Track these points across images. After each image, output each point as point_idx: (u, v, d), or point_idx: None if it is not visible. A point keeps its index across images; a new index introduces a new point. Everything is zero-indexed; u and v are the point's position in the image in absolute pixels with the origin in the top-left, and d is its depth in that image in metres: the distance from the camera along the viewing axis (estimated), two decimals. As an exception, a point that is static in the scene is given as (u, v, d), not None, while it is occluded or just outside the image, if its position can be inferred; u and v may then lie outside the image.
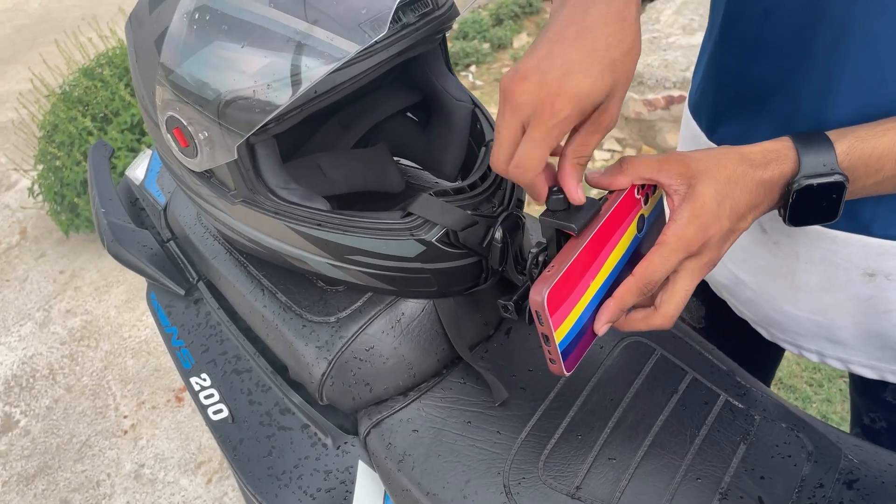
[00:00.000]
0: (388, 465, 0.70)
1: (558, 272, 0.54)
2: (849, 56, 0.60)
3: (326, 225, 0.66)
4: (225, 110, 0.61)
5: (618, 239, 0.59)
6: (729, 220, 0.55)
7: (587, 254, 0.56)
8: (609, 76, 0.52)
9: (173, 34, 0.62)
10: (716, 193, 0.54)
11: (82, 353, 2.32)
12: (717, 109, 0.76)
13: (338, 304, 0.74)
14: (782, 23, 0.64)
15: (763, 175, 0.55)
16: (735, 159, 0.55)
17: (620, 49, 0.53)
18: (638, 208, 0.61)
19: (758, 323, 0.85)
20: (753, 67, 0.68)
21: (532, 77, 0.52)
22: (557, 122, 0.52)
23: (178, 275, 0.89)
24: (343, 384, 0.71)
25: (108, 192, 0.95)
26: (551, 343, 0.56)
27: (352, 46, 0.57)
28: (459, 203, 0.65)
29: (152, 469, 1.92)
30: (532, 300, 0.54)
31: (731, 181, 0.54)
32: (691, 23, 2.72)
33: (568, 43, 0.52)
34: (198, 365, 0.82)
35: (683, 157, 0.56)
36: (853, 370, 0.78)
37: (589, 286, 0.57)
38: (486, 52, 3.49)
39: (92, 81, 2.55)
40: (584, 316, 0.58)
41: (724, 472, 0.64)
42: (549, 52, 0.53)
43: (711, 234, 0.54)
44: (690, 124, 0.81)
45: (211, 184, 0.70)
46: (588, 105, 0.52)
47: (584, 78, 0.51)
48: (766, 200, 0.57)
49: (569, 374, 0.59)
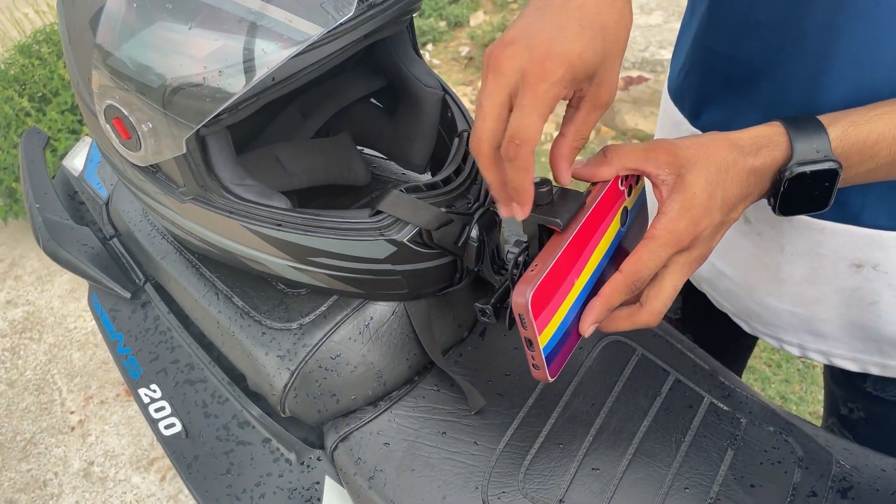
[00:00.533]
0: (358, 482, 0.65)
1: (542, 272, 0.50)
2: (841, 37, 0.57)
3: (287, 225, 0.61)
4: (171, 99, 0.55)
5: (602, 234, 0.56)
6: (720, 211, 0.52)
7: (571, 251, 0.52)
8: (600, 42, 0.48)
9: (111, 12, 0.56)
10: (706, 184, 0.51)
11: (25, 346, 2.21)
12: (702, 94, 0.72)
13: (300, 308, 0.69)
14: (772, 2, 0.60)
15: (754, 163, 0.52)
16: (725, 146, 0.52)
17: (611, 15, 0.49)
18: (622, 201, 0.58)
19: (738, 316, 0.83)
20: (742, 49, 0.65)
21: (518, 43, 0.47)
22: (549, 84, 0.46)
23: (122, 276, 0.82)
24: (307, 396, 0.66)
25: (43, 184, 0.87)
26: (535, 348, 0.52)
27: (314, 29, 0.52)
28: (432, 200, 0.60)
29: (102, 467, 1.85)
30: (515, 303, 0.50)
31: (722, 170, 0.51)
32: (649, 2, 2.70)
33: (555, 9, 0.49)
34: (146, 375, 0.76)
35: (671, 145, 0.52)
36: (835, 363, 0.76)
37: (573, 285, 0.54)
38: (443, 29, 3.42)
39: (29, 59, 2.42)
40: (569, 317, 0.54)
41: (712, 480, 0.61)
42: (536, 18, 0.48)
43: (703, 228, 0.51)
44: (671, 110, 0.78)
45: (157, 179, 0.64)
46: (580, 71, 0.48)
47: (574, 42, 0.47)
48: (756, 189, 0.54)
49: (553, 379, 0.56)
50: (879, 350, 0.72)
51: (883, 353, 0.72)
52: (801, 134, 0.52)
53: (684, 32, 0.76)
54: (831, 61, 0.58)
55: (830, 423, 0.89)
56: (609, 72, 0.50)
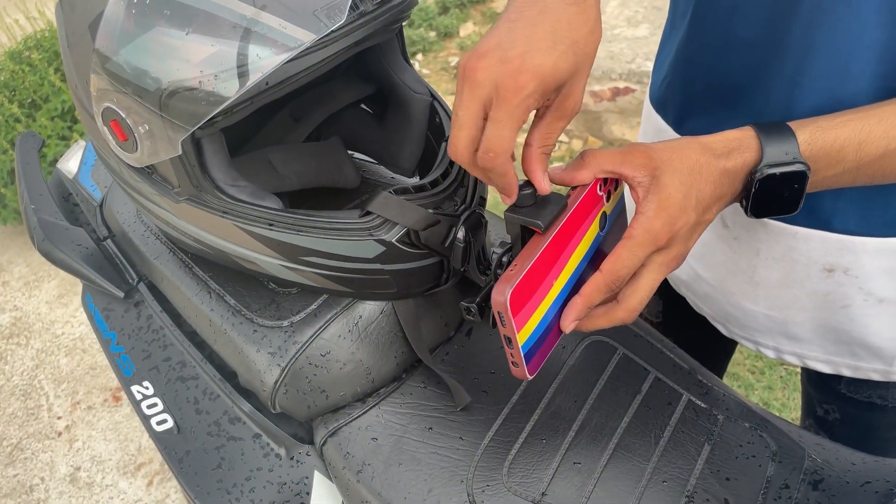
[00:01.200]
0: (347, 476, 0.67)
1: (521, 271, 0.52)
2: (815, 50, 0.59)
3: (279, 224, 0.62)
4: (168, 102, 0.56)
5: (580, 237, 0.58)
6: (695, 211, 0.54)
7: (550, 252, 0.54)
8: (571, 55, 0.50)
9: (110, 18, 0.57)
10: (680, 184, 0.53)
11: (12, 352, 2.21)
12: (685, 103, 0.75)
13: (291, 307, 0.70)
14: (750, 17, 0.63)
15: (726, 164, 0.54)
16: (697, 149, 0.54)
17: (582, 30, 0.51)
18: (600, 205, 0.60)
19: (716, 319, 0.85)
20: (723, 62, 0.67)
21: (492, 55, 0.49)
22: (522, 98, 0.49)
23: (116, 276, 0.83)
24: (297, 392, 0.68)
25: (38, 186, 0.88)
26: (514, 345, 0.54)
27: (306, 35, 0.54)
28: (420, 201, 0.62)
29: (89, 472, 1.84)
30: (494, 301, 0.51)
31: (695, 171, 0.53)
32: (636, 15, 2.74)
33: (528, 22, 0.50)
34: (139, 372, 0.77)
35: (646, 148, 0.54)
36: (809, 365, 0.78)
37: (552, 286, 0.56)
38: (433, 40, 3.45)
39: (19, 65, 2.42)
40: (548, 317, 0.56)
41: (689, 473, 0.63)
42: (509, 31, 0.50)
43: (679, 227, 0.53)
44: (654, 118, 0.80)
45: (152, 180, 0.65)
46: (551, 83, 0.50)
47: (546, 55, 0.49)
48: (729, 191, 0.56)
49: (532, 377, 0.57)
50: (851, 352, 0.74)
51: (855, 355, 0.74)
52: (771, 138, 0.55)
53: (666, 43, 0.79)
54: (806, 74, 0.61)
55: (807, 424, 0.91)
56: (577, 84, 0.52)
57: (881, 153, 0.54)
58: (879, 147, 0.54)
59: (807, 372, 0.87)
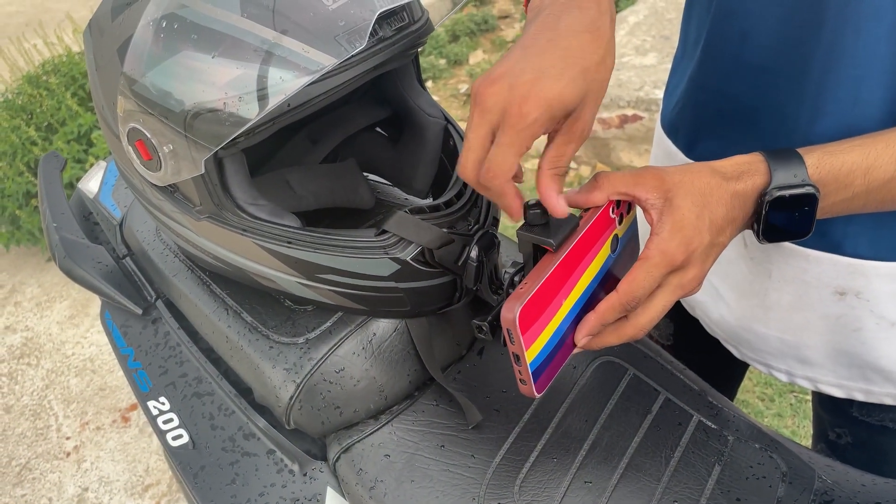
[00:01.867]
0: (359, 492, 0.67)
1: (531, 289, 0.52)
2: (833, 75, 0.61)
3: (297, 242, 0.64)
4: (192, 123, 0.58)
5: (591, 258, 0.59)
6: (709, 232, 0.54)
7: (560, 272, 0.55)
8: (581, 82, 0.51)
9: (138, 43, 0.59)
10: (693, 205, 0.54)
11: (22, 372, 2.22)
12: (696, 128, 0.76)
13: (306, 324, 0.71)
14: (762, 44, 0.65)
15: (736, 187, 0.55)
16: (708, 172, 0.55)
17: (593, 58, 0.52)
18: (612, 228, 0.61)
19: (728, 342, 0.85)
20: (735, 87, 0.69)
21: (502, 81, 0.51)
22: (526, 125, 0.50)
23: (134, 293, 0.85)
24: (312, 408, 0.69)
25: (59, 205, 0.90)
26: (522, 363, 0.55)
27: (328, 59, 0.56)
28: (435, 221, 0.63)
29: (97, 493, 1.84)
30: (504, 318, 0.52)
31: (706, 193, 0.54)
32: (644, 44, 2.78)
33: (540, 49, 0.52)
34: (156, 388, 0.78)
35: (658, 171, 0.56)
36: (821, 389, 0.79)
37: (561, 306, 0.56)
38: (443, 67, 3.50)
39: (37, 89, 2.47)
40: (556, 336, 0.57)
41: (699, 494, 0.63)
42: (521, 58, 0.52)
43: (694, 247, 0.54)
44: (664, 143, 0.82)
45: (174, 199, 0.67)
46: (558, 110, 0.51)
47: (554, 83, 0.50)
48: (741, 214, 0.57)
49: (539, 395, 0.58)
50: (864, 376, 0.75)
51: (867, 379, 0.75)
52: (779, 162, 0.56)
53: (677, 69, 0.80)
54: (825, 100, 0.62)
55: (819, 448, 0.91)
56: (587, 109, 0.53)
57: (889, 177, 0.55)
58: (888, 172, 0.55)
59: (818, 396, 0.87)
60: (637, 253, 0.67)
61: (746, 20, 0.65)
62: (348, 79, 0.59)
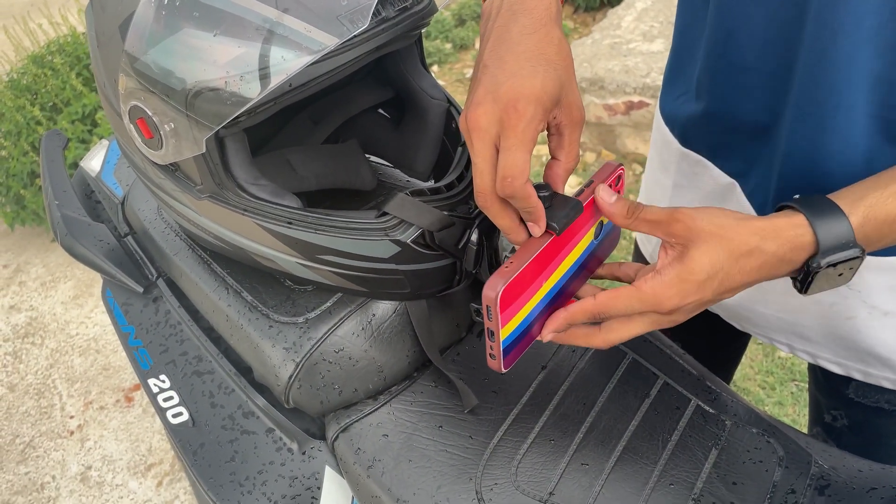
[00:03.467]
0: (357, 471, 0.68)
1: (516, 269, 0.53)
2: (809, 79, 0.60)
3: (298, 223, 0.64)
4: (194, 101, 0.58)
5: (575, 243, 0.60)
6: (713, 292, 0.54)
7: (545, 255, 0.56)
8: (552, 72, 0.52)
9: (140, 20, 0.59)
10: (709, 265, 0.53)
11: (27, 351, 2.23)
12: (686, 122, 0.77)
13: (306, 304, 0.72)
14: (745, 43, 0.65)
15: (777, 258, 0.54)
16: (749, 234, 0.53)
17: (550, 48, 0.53)
18: (598, 215, 0.61)
19: (730, 319, 0.86)
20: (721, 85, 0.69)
21: (485, 100, 0.52)
22: (527, 121, 0.51)
23: (136, 271, 0.85)
24: (311, 387, 0.69)
25: (62, 183, 0.90)
26: (496, 339, 0.56)
27: (330, 39, 0.55)
28: (436, 203, 0.63)
29: (100, 471, 1.86)
30: (485, 295, 0.53)
31: (734, 257, 0.53)
32: (651, 29, 2.76)
33: (502, 62, 0.53)
34: (156, 366, 0.79)
35: (689, 218, 0.54)
36: (821, 364, 0.79)
37: (540, 288, 0.57)
38: (449, 52, 3.48)
39: (42, 69, 2.46)
40: (530, 317, 0.58)
41: (696, 477, 0.64)
42: (490, 77, 0.53)
43: (689, 302, 0.54)
44: (662, 129, 0.82)
45: (175, 178, 0.67)
46: (547, 101, 0.52)
47: (532, 79, 0.52)
48: (768, 277, 0.55)
49: (505, 371, 0.59)
50: (861, 359, 0.75)
51: (864, 361, 0.75)
52: (826, 226, 0.53)
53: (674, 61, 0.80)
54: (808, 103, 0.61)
55: (815, 432, 0.91)
56: (570, 94, 0.54)
57: None
58: None
59: (815, 378, 0.87)
60: (617, 240, 0.68)
61: (732, 19, 0.65)
62: (350, 59, 0.59)
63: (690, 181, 0.80)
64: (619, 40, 2.71)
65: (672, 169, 0.81)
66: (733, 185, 0.74)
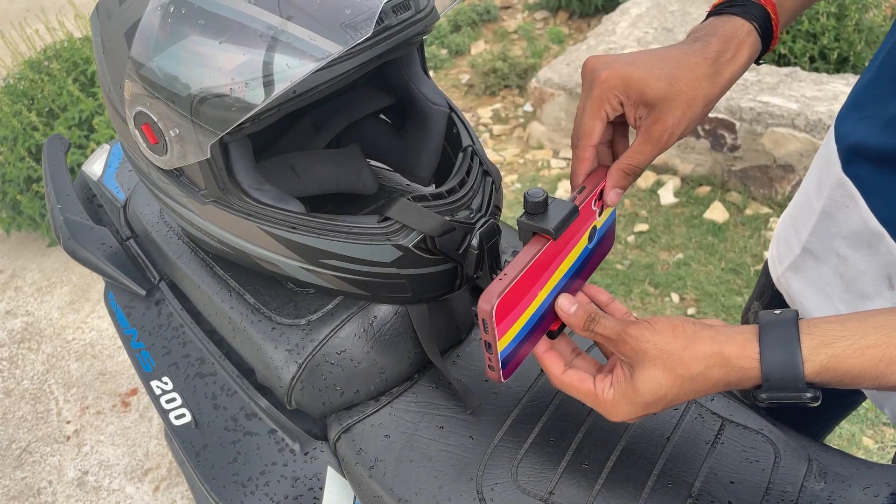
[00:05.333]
0: (359, 471, 0.69)
1: (510, 281, 0.54)
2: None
3: (301, 228, 0.65)
4: (199, 107, 0.59)
5: (570, 249, 0.60)
6: (661, 405, 0.55)
7: (540, 263, 0.56)
8: (665, 83, 0.56)
9: (146, 27, 0.60)
10: (652, 391, 0.54)
11: (23, 356, 2.23)
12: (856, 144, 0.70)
13: (308, 306, 0.73)
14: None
15: (725, 379, 0.53)
16: (691, 360, 0.53)
17: (689, 71, 0.57)
18: (592, 219, 0.62)
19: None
20: None
21: (603, 58, 0.59)
22: (603, 90, 0.57)
23: (138, 274, 0.86)
24: (313, 388, 0.70)
25: (64, 187, 0.91)
26: (494, 351, 0.56)
27: (334, 47, 0.56)
28: (437, 209, 0.64)
29: (97, 476, 1.86)
30: (480, 308, 0.54)
31: (681, 382, 0.54)
32: (646, 35, 2.78)
33: (647, 52, 0.59)
34: (159, 368, 0.79)
35: (635, 340, 0.55)
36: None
37: (536, 297, 0.58)
38: (444, 57, 3.50)
39: (38, 75, 2.46)
40: (527, 327, 0.58)
41: (694, 477, 0.65)
42: (631, 55, 0.59)
43: (637, 415, 0.57)
44: (829, 146, 0.75)
45: (180, 182, 0.68)
46: (634, 91, 0.57)
47: (639, 70, 0.57)
48: (716, 391, 0.55)
49: (505, 381, 0.60)
50: None
51: None
52: (776, 363, 0.51)
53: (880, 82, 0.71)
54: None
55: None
56: (670, 115, 0.57)
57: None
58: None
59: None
60: (611, 245, 0.68)
61: None
62: (354, 66, 0.60)
63: (839, 213, 0.72)
64: (614, 46, 2.73)
65: (825, 193, 0.74)
66: (882, 234, 0.66)
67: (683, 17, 2.88)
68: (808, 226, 0.78)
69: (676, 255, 2.20)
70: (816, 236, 0.76)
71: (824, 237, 0.75)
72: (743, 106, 2.25)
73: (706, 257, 2.16)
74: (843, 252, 0.72)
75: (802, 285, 0.81)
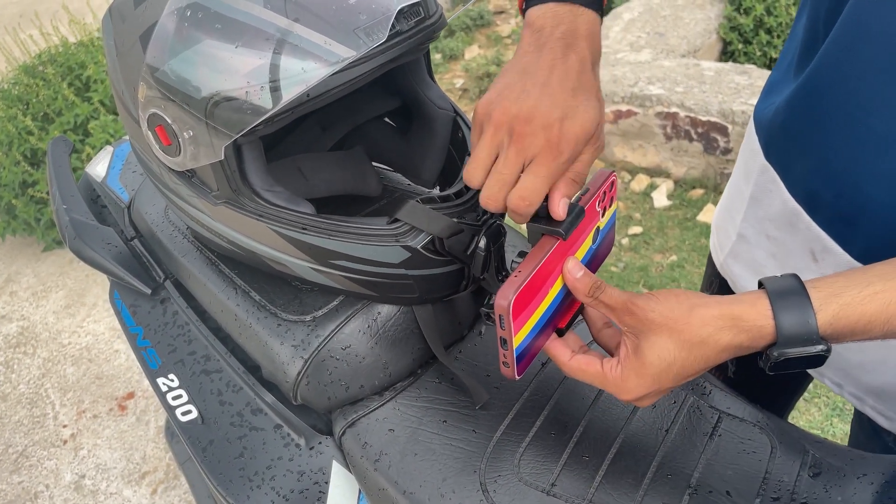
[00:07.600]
0: (364, 465, 0.70)
1: (525, 278, 0.55)
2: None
3: (311, 229, 0.66)
4: (213, 110, 0.60)
5: (575, 250, 0.62)
6: (673, 380, 0.55)
7: (551, 261, 0.58)
8: (595, 112, 0.57)
9: (162, 31, 0.62)
10: (660, 360, 0.54)
11: (18, 361, 2.23)
12: (789, 132, 0.71)
13: (314, 302, 0.74)
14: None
15: (732, 341, 0.53)
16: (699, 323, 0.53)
17: (594, 89, 0.58)
18: (596, 220, 0.64)
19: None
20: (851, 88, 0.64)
21: (535, 120, 0.55)
22: (562, 161, 0.55)
23: (143, 273, 0.87)
24: (319, 383, 0.72)
25: (69, 188, 0.92)
26: (509, 347, 0.58)
27: (348, 52, 0.58)
28: (445, 211, 0.65)
29: (94, 480, 1.86)
30: (497, 304, 0.55)
31: (694, 344, 0.53)
32: (638, 40, 2.81)
33: (561, 87, 0.56)
34: (165, 365, 0.81)
35: (640, 309, 0.55)
36: (867, 412, 0.77)
37: (548, 294, 0.59)
38: (438, 62, 3.52)
39: (33, 79, 2.47)
40: (540, 323, 0.60)
41: (693, 468, 0.66)
42: (548, 95, 0.56)
43: (650, 391, 0.56)
44: (752, 136, 0.78)
45: (192, 183, 0.69)
46: (584, 142, 0.56)
47: (579, 123, 0.55)
48: (729, 358, 0.55)
49: (519, 377, 0.61)
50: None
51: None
52: (789, 317, 0.51)
53: (782, 75, 0.74)
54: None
55: None
56: (600, 129, 0.58)
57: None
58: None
59: (858, 415, 0.84)
60: (611, 245, 0.70)
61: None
62: (366, 70, 0.62)
63: (765, 197, 0.76)
64: (608, 50, 2.75)
65: (752, 180, 0.78)
66: (799, 212, 0.70)
67: (675, 22, 2.91)
68: (740, 212, 0.82)
69: (670, 257, 2.22)
70: (748, 221, 0.80)
71: (754, 221, 0.79)
72: (735, 109, 2.28)
73: (699, 259, 2.18)
74: (772, 233, 0.76)
75: (742, 270, 0.85)
